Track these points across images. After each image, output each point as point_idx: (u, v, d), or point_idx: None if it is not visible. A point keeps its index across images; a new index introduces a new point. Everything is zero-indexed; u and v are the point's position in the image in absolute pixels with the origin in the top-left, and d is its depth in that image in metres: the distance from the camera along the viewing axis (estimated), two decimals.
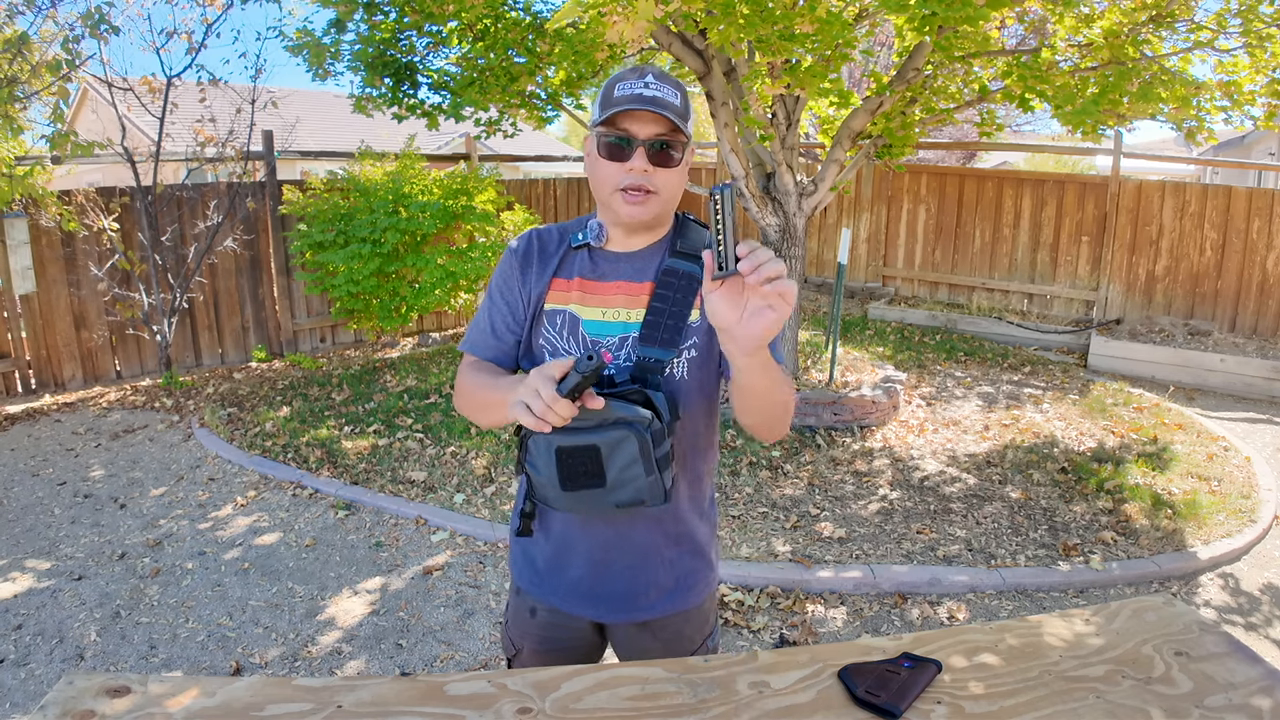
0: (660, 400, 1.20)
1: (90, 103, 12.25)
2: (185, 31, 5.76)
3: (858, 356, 5.80)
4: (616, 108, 1.20)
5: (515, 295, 1.34)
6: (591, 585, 1.36)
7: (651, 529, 1.34)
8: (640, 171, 1.21)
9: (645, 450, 1.16)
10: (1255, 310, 6.67)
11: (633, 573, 1.35)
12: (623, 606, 1.37)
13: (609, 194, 1.24)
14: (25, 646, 2.81)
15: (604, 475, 1.18)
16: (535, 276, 1.33)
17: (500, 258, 1.36)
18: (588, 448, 1.17)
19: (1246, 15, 4.17)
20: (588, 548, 1.35)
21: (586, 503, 1.22)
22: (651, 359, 1.25)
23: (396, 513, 3.84)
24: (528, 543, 1.41)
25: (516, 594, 1.47)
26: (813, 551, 3.46)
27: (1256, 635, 2.99)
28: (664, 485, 1.19)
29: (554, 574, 1.38)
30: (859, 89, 10.95)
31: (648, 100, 1.19)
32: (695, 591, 1.41)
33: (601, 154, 1.24)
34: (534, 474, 1.23)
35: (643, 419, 1.16)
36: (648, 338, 1.26)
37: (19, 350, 5.44)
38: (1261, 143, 12.87)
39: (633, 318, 1.28)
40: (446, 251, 5.88)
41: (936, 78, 4.94)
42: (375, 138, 6.82)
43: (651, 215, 1.25)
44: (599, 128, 1.23)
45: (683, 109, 1.23)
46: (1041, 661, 1.13)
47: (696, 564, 1.40)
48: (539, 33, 4.92)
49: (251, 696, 1.01)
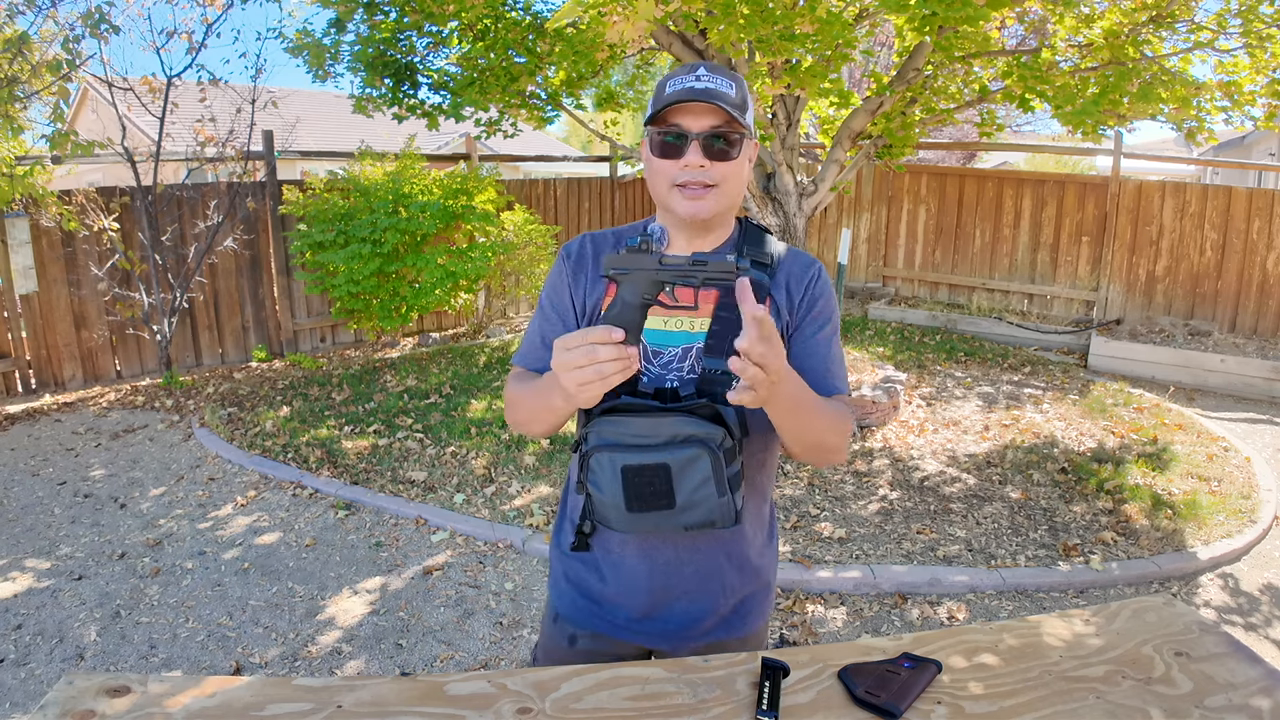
0: (730, 415, 1.12)
1: (90, 103, 12.24)
2: (185, 31, 5.77)
3: (858, 357, 5.80)
4: (668, 103, 1.14)
5: (566, 303, 1.27)
6: (647, 612, 1.27)
7: (715, 552, 1.27)
8: (696, 167, 1.15)
9: (718, 469, 1.09)
10: (1255, 310, 6.67)
11: (690, 599, 1.27)
12: (679, 635, 1.29)
13: (666, 192, 1.18)
14: (25, 646, 2.81)
15: (673, 496, 1.10)
16: (589, 282, 1.26)
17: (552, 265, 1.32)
18: (657, 467, 1.09)
19: (1246, 15, 4.17)
20: (647, 572, 1.26)
21: (653, 524, 1.14)
22: (718, 371, 1.16)
23: (396, 513, 3.84)
24: (575, 565, 1.32)
25: (554, 621, 1.36)
26: (813, 551, 3.46)
27: (1256, 635, 2.99)
28: (735, 506, 1.12)
29: (606, 601, 1.29)
30: (859, 89, 10.94)
31: (699, 92, 1.13)
32: (754, 617, 1.33)
33: (655, 153, 1.18)
34: (596, 493, 1.14)
35: (714, 436, 1.09)
36: (714, 349, 1.18)
37: (19, 350, 5.44)
38: (1261, 143, 12.86)
39: (697, 327, 1.21)
40: (446, 251, 5.88)
41: (937, 78, 4.94)
42: (375, 138, 6.82)
43: (711, 212, 1.18)
44: (651, 126, 1.17)
45: (739, 100, 1.16)
46: (1041, 662, 1.13)
47: (757, 589, 1.33)
48: (539, 33, 4.92)
49: (251, 696, 1.01)
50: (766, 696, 1.01)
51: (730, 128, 1.15)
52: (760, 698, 1.01)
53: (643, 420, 1.12)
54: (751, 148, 1.21)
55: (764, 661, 1.07)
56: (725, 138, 1.15)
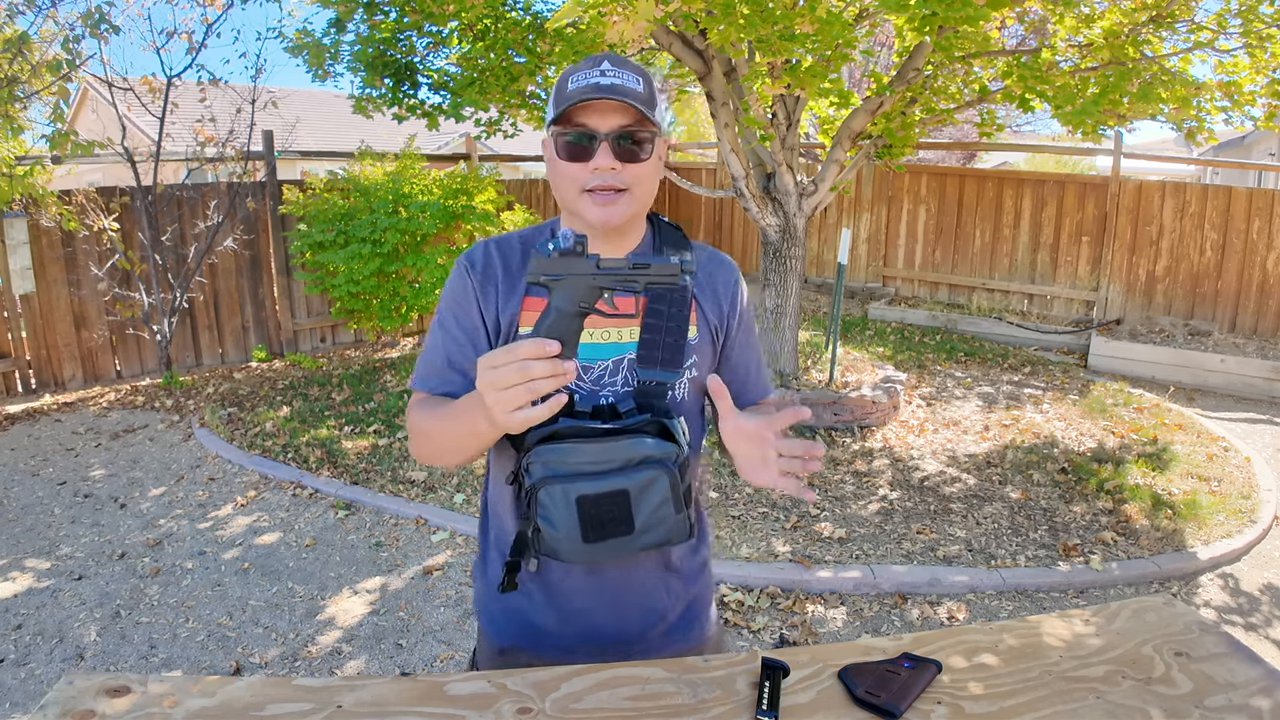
0: (678, 429, 1.08)
1: (90, 103, 12.25)
2: (185, 31, 5.77)
3: (858, 357, 5.80)
4: (572, 101, 1.06)
5: (474, 319, 1.16)
6: (600, 633, 1.22)
7: (655, 560, 1.22)
8: (606, 170, 1.08)
9: (675, 487, 1.05)
10: (1255, 310, 6.67)
11: (642, 610, 1.23)
12: (635, 648, 1.23)
13: (574, 198, 1.11)
14: (25, 646, 2.81)
15: (632, 521, 1.04)
16: (503, 296, 1.15)
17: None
18: (615, 493, 1.03)
19: (1246, 15, 4.17)
20: (595, 592, 1.20)
21: (610, 552, 1.07)
22: (653, 382, 1.11)
23: (396, 513, 3.84)
24: (512, 595, 1.20)
25: (499, 654, 1.25)
26: (813, 552, 3.46)
27: (1256, 635, 2.99)
28: (690, 520, 1.08)
29: (553, 629, 1.22)
30: (859, 89, 10.94)
31: (605, 89, 1.06)
32: (704, 620, 1.31)
33: (561, 155, 1.10)
34: (547, 529, 1.05)
35: (670, 454, 1.05)
36: (646, 359, 1.12)
37: (19, 350, 5.44)
38: (1261, 143, 12.87)
39: (626, 337, 1.15)
40: (446, 251, 5.88)
41: (936, 78, 4.94)
42: (375, 138, 6.82)
43: (624, 218, 1.12)
44: (555, 126, 1.09)
45: (647, 95, 1.10)
46: (1041, 662, 1.13)
47: (699, 589, 1.30)
48: (539, 33, 4.92)
49: (251, 696, 1.01)
50: (766, 696, 1.01)
51: (641, 126, 1.09)
52: (760, 698, 1.01)
53: (593, 446, 1.04)
54: (663, 146, 1.14)
55: (764, 661, 1.07)
56: (635, 137, 1.09)
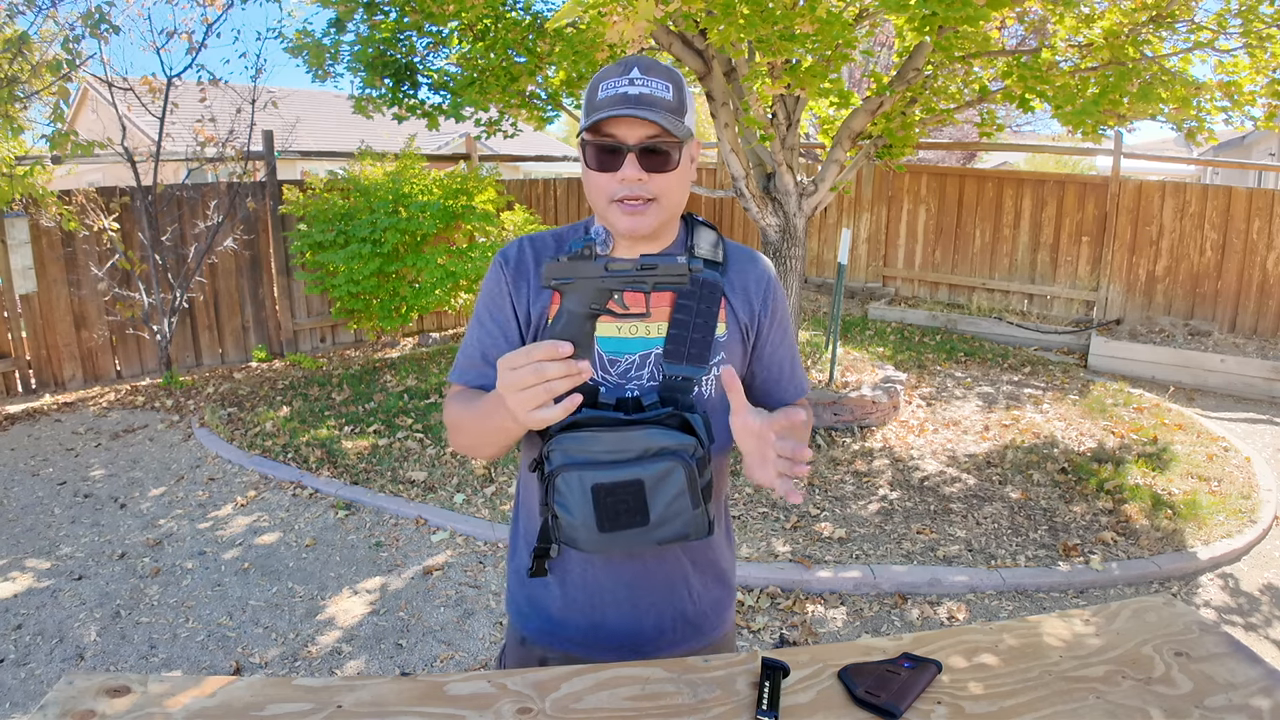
0: (699, 424, 1.09)
1: (90, 103, 12.25)
2: (185, 31, 5.77)
3: (858, 356, 5.80)
4: (600, 113, 1.08)
5: (507, 314, 1.20)
6: (615, 628, 1.23)
7: (679, 558, 1.23)
8: (634, 180, 1.10)
9: (692, 481, 1.06)
10: (1255, 310, 6.67)
11: (659, 609, 1.24)
12: (649, 647, 1.25)
13: (605, 207, 1.14)
14: (25, 646, 2.81)
15: (648, 513, 1.06)
16: (534, 291, 1.19)
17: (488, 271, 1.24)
18: (630, 483, 1.05)
19: (1246, 15, 4.17)
20: (613, 588, 1.22)
21: (626, 543, 1.09)
22: (679, 377, 1.13)
23: (396, 513, 3.84)
24: (536, 586, 1.25)
25: (520, 644, 1.29)
26: (813, 552, 3.46)
27: (1256, 635, 2.99)
28: (709, 517, 1.09)
29: (572, 622, 1.24)
30: (859, 89, 10.94)
31: (633, 100, 1.07)
32: (721, 620, 1.32)
33: (590, 165, 1.12)
34: (564, 515, 1.08)
35: (687, 447, 1.06)
36: (673, 354, 1.14)
37: (19, 350, 5.44)
38: (1261, 143, 12.87)
39: (654, 332, 1.16)
40: (446, 251, 5.88)
41: (936, 78, 4.94)
42: (375, 138, 6.82)
43: (651, 227, 1.14)
44: (585, 135, 1.11)
45: (676, 103, 1.11)
46: (1041, 662, 1.13)
47: (721, 593, 1.31)
48: (539, 33, 4.92)
49: (251, 696, 1.01)
50: (766, 696, 1.01)
51: (668, 136, 1.09)
52: (760, 698, 1.01)
53: (611, 435, 1.07)
54: (694, 148, 1.16)
55: (764, 661, 1.07)
56: (662, 148, 1.10)
